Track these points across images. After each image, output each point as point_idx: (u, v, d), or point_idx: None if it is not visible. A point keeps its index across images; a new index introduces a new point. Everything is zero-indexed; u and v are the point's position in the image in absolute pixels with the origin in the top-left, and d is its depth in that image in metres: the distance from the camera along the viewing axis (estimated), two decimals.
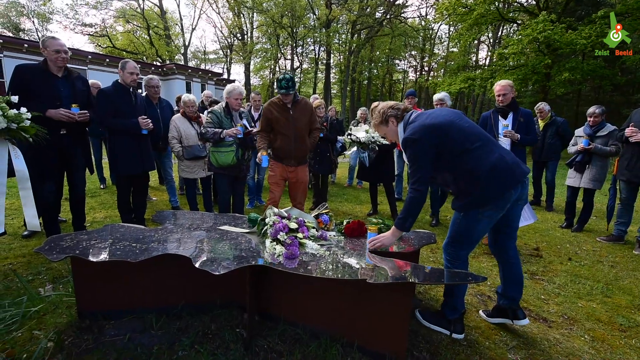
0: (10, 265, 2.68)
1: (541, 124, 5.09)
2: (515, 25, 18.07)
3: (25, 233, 3.31)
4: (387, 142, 4.05)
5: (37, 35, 29.64)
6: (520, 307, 2.09)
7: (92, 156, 3.57)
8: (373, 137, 4.01)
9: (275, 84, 4.26)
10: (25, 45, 13.28)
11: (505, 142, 3.33)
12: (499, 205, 1.83)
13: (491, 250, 2.13)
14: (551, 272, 3.07)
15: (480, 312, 2.25)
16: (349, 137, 4.18)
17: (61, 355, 1.70)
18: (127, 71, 3.12)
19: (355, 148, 4.19)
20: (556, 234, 4.25)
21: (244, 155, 3.36)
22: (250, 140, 3.40)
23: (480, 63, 26.22)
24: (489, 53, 24.93)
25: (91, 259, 1.72)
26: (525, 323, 2.06)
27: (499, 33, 24.74)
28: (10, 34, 23.91)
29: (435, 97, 4.13)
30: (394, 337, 1.69)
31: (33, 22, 29.82)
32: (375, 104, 2.16)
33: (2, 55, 12.61)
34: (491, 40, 26.40)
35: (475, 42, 24.83)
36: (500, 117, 3.46)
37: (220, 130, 3.19)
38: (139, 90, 3.52)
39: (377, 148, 4.09)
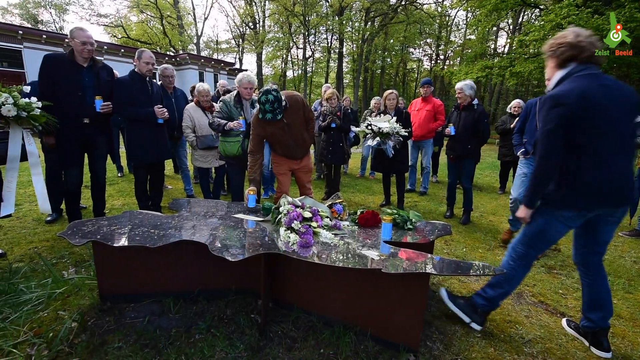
0: (35, 249, 2.80)
1: None
2: (538, 10, 17.27)
3: (49, 218, 3.44)
4: (405, 133, 3.87)
5: (55, 26, 30.25)
6: (606, 337, 1.86)
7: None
8: (395, 128, 3.80)
9: (257, 105, 2.57)
10: (44, 36, 13.54)
11: None
12: (584, 215, 1.69)
13: (573, 260, 1.98)
14: (570, 266, 2.99)
15: (564, 321, 2.11)
16: (368, 127, 3.91)
17: (85, 335, 1.77)
18: (143, 60, 3.14)
19: (377, 139, 3.90)
20: None
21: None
22: None
23: (499, 51, 25.31)
24: (509, 40, 23.99)
25: (112, 243, 1.77)
26: (607, 357, 1.81)
27: (520, 19, 23.76)
28: (29, 25, 24.42)
29: (456, 85, 3.94)
30: (408, 327, 1.69)
31: (50, 13, 30.43)
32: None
33: (22, 46, 12.92)
34: (511, 27, 25.39)
35: (494, 28, 23.95)
36: None
37: (225, 122, 3.18)
38: (154, 80, 3.55)
39: (400, 139, 3.90)
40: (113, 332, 1.81)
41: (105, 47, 15.89)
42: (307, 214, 2.03)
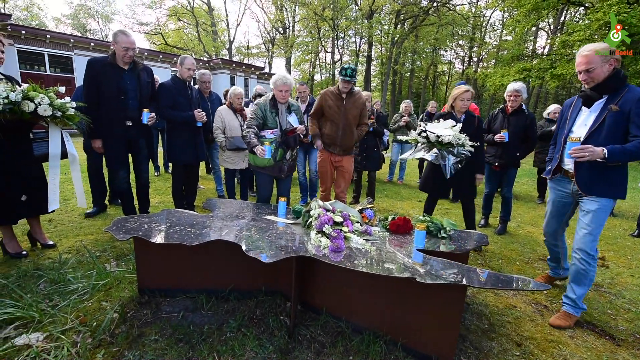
0: (82, 242, 3.00)
1: None
2: (582, 8, 16.21)
3: (89, 211, 3.64)
4: (471, 148, 2.84)
5: (101, 34, 32.61)
6: None
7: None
8: (460, 139, 2.78)
9: (339, 71, 2.99)
10: (92, 44, 14.60)
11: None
12: None
13: None
14: (619, 284, 2.75)
15: None
16: (422, 134, 2.90)
17: (124, 326, 1.87)
18: (185, 66, 3.30)
19: (435, 151, 2.85)
20: (626, 242, 3.79)
21: (283, 155, 3.07)
22: (294, 139, 3.09)
23: (539, 52, 24.00)
24: (549, 41, 22.68)
25: (152, 240, 1.85)
26: None
27: (562, 18, 22.42)
28: (79, 34, 26.45)
29: (510, 87, 3.53)
30: (442, 340, 1.63)
31: (98, 22, 32.87)
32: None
33: (73, 53, 14.01)
34: (552, 27, 24.01)
35: (533, 29, 22.75)
36: (582, 107, 2.14)
37: (255, 143, 2.87)
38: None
39: (466, 154, 2.86)
40: (150, 325, 1.89)
41: (146, 53, 16.85)
42: (338, 219, 2.02)
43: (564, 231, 2.50)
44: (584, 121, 2.08)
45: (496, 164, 3.73)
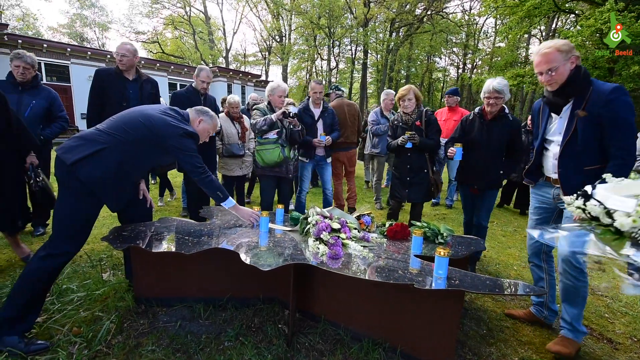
0: None
1: None
2: (573, 15, 16.54)
3: (37, 234, 3.31)
4: None
5: (98, 43, 32.74)
6: None
7: None
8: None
9: (337, 87, 4.98)
10: (89, 52, 14.65)
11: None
12: None
13: None
14: (616, 288, 2.77)
15: None
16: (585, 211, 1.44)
17: (121, 337, 1.85)
18: (200, 78, 3.45)
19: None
20: None
21: (290, 151, 3.23)
22: (298, 134, 3.24)
23: (531, 58, 24.35)
24: None
25: (149, 249, 1.84)
26: None
27: (553, 25, 22.84)
28: (76, 43, 26.54)
29: (488, 85, 2.69)
30: (441, 346, 1.63)
31: (94, 31, 33.03)
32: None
33: (69, 62, 14.03)
34: (544, 34, 24.45)
35: (526, 35, 23.16)
36: (550, 114, 1.96)
37: (270, 118, 3.08)
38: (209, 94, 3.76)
39: None
40: (147, 335, 1.87)
41: (143, 62, 16.91)
42: (336, 225, 2.03)
43: (549, 255, 2.15)
44: (558, 129, 1.90)
45: (475, 186, 2.84)
